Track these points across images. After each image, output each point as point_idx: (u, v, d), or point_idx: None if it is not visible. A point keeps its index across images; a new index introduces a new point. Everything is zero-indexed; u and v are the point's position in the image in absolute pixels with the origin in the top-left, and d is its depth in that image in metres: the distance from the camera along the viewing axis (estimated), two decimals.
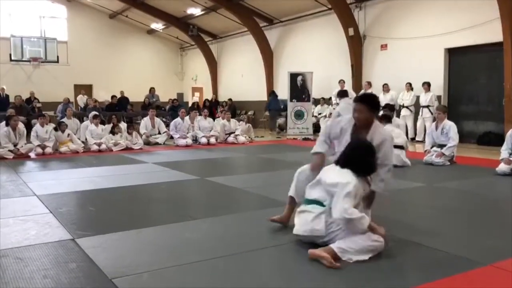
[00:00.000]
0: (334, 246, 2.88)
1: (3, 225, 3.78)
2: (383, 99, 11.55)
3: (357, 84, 13.03)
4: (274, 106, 15.68)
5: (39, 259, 3.00)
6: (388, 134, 3.61)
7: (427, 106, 10.88)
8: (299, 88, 13.33)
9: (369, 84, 12.49)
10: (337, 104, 11.15)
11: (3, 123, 9.02)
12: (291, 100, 13.65)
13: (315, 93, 14.00)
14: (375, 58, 12.88)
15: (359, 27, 13.02)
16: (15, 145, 8.68)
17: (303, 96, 13.39)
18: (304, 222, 3.16)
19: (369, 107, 3.50)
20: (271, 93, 16.02)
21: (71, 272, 2.78)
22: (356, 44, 13.04)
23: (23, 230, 3.63)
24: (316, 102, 14.51)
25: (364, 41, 13.09)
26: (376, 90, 12.25)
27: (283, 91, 15.60)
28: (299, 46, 15.66)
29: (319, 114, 14.41)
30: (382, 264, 2.90)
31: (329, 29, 14.11)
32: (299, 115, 13.28)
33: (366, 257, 2.86)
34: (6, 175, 6.51)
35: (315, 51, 14.79)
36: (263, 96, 17.02)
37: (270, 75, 16.94)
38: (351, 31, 12.88)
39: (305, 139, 12.39)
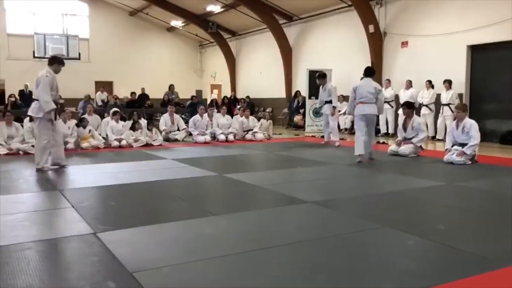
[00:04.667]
0: None
1: (27, 219, 3.87)
2: (403, 96, 11.44)
3: (377, 82, 12.84)
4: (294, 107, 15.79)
5: (61, 252, 3.07)
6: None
7: (448, 104, 10.71)
8: (318, 85, 13.24)
9: (389, 82, 12.36)
10: None
11: (27, 119, 9.21)
12: (309, 98, 13.59)
13: None
14: (396, 56, 12.73)
15: (379, 24, 12.88)
16: None
17: None
18: None
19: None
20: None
21: (92, 265, 2.83)
22: (376, 41, 12.91)
23: (45, 224, 3.72)
24: None
25: (384, 38, 12.95)
26: (396, 88, 12.14)
27: (301, 89, 15.57)
28: (318, 43, 15.58)
29: (338, 111, 14.28)
30: (400, 263, 2.88)
31: (349, 26, 14.00)
32: (317, 112, 13.21)
33: None
34: (29, 170, 6.65)
35: (335, 48, 14.69)
36: (282, 94, 16.99)
37: (289, 72, 16.89)
38: (371, 28, 12.76)
39: (323, 136, 12.30)
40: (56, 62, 6.79)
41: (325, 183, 5.88)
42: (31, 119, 8.98)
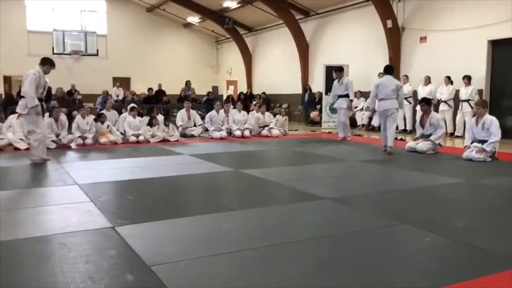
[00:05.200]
0: None
1: (48, 212, 3.95)
2: (422, 92, 11.30)
3: (395, 78, 12.73)
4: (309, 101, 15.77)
5: (81, 245, 3.11)
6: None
7: (467, 100, 10.54)
8: (334, 79, 13.16)
9: (407, 78, 12.21)
10: None
11: (46, 114, 9.35)
12: (326, 93, 13.52)
13: None
14: (414, 51, 12.57)
15: (397, 19, 12.73)
16: (57, 136, 8.99)
17: None
18: None
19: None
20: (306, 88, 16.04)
21: (111, 258, 2.88)
22: (394, 36, 12.76)
23: (65, 217, 3.78)
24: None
25: (402, 33, 12.80)
26: (415, 84, 11.99)
27: (318, 84, 15.49)
28: (335, 39, 15.47)
29: (355, 107, 14.20)
30: (417, 260, 2.86)
31: (366, 21, 13.86)
32: (334, 108, 13.13)
33: None
34: (49, 165, 6.76)
35: (352, 44, 14.57)
36: (298, 89, 16.94)
37: (305, 68, 16.82)
38: (389, 23, 12.61)
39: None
40: (47, 63, 7.02)
41: (341, 179, 5.86)
42: (50, 115, 9.14)
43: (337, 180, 5.72)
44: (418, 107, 9.90)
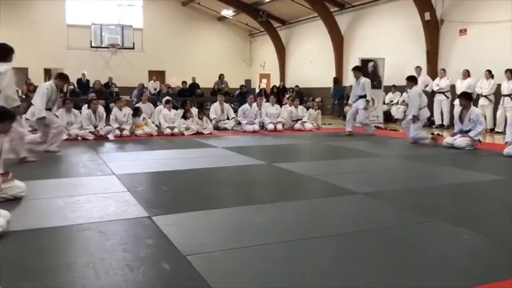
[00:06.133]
0: None
1: (87, 201, 4.08)
2: (460, 87, 10.98)
3: (432, 71, 12.45)
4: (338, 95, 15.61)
5: (118, 234, 3.21)
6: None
7: (509, 95, 10.18)
8: (370, 74, 12.98)
9: (444, 71, 11.89)
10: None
11: (85, 106, 9.63)
12: None
13: (386, 80, 13.58)
14: (453, 44, 12.21)
15: (436, 11, 12.38)
16: (95, 127, 9.25)
17: (374, 83, 13.02)
18: None
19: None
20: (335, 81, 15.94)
21: (148, 247, 2.95)
22: (432, 29, 12.43)
23: (104, 206, 3.90)
24: (387, 89, 14.06)
25: (441, 26, 12.44)
26: (453, 77, 11.66)
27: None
28: (371, 32, 15.20)
29: (390, 101, 13.97)
30: (455, 258, 2.80)
31: (403, 13, 13.55)
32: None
33: None
34: (87, 155, 6.98)
35: (388, 37, 14.28)
36: (331, 83, 16.76)
37: (340, 61, 16.61)
38: (427, 16, 12.28)
39: (375, 127, 12.06)
40: (62, 79, 7.44)
41: (376, 174, 5.78)
42: (89, 106, 9.41)
43: (371, 175, 5.65)
44: (456, 102, 9.65)
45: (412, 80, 8.94)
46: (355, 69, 10.38)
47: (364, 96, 9.91)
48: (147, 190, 4.71)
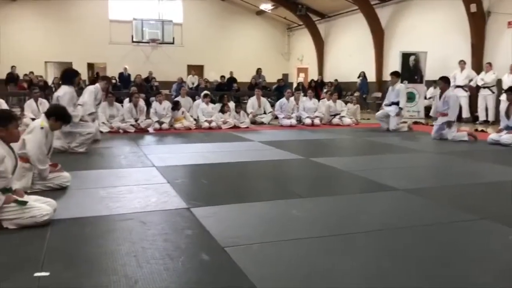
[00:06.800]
0: None
1: (128, 192, 4.19)
2: (507, 81, 10.55)
3: (477, 65, 12.00)
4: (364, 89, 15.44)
5: (159, 224, 3.28)
6: None
7: None
8: (411, 68, 12.67)
9: (490, 65, 11.43)
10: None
11: (127, 99, 9.87)
12: (401, 82, 13.00)
13: (428, 74, 13.19)
14: (500, 37, 11.71)
15: (483, 3, 11.90)
16: (136, 120, 9.47)
17: (415, 77, 12.72)
18: None
19: None
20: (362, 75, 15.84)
21: (187, 238, 3.01)
22: (478, 21, 11.95)
23: (144, 197, 3.99)
24: (429, 83, 13.66)
25: (488, 18, 11.95)
26: (499, 72, 11.21)
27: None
28: (413, 25, 14.78)
29: (430, 97, 13.56)
30: (500, 257, 2.71)
31: (447, 6, 13.10)
32: (410, 97, 12.62)
33: None
34: (129, 147, 7.16)
35: (431, 30, 13.84)
36: (371, 77, 16.46)
37: (380, 55, 16.27)
38: (473, 8, 11.83)
39: (415, 122, 11.78)
40: (104, 79, 8.08)
41: (416, 170, 5.65)
42: (130, 100, 9.64)
43: (412, 171, 5.53)
44: (502, 97, 9.28)
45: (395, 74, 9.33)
46: (394, 74, 10.19)
47: (397, 103, 9.71)
48: (186, 182, 4.79)
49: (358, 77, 16.40)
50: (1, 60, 17.46)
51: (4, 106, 8.81)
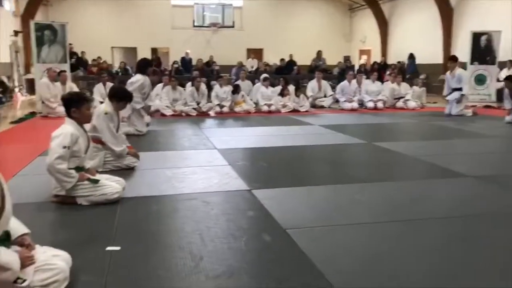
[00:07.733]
0: None
1: (192, 173, 4.30)
2: None
3: None
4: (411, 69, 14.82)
5: (221, 204, 3.35)
6: None
7: None
8: (483, 49, 11.91)
9: None
10: None
11: (189, 83, 10.08)
12: (471, 63, 12.31)
13: (502, 55, 12.35)
14: None
15: None
16: (198, 104, 9.66)
17: (487, 59, 11.95)
18: None
19: None
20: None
21: (249, 218, 3.05)
22: None
23: (207, 178, 4.08)
24: (502, 65, 12.81)
25: None
26: None
27: (462, 53, 14.14)
28: (484, 2, 13.86)
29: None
30: None
31: None
32: (480, 79, 11.92)
33: None
34: (191, 130, 7.34)
35: (505, 7, 12.91)
36: (438, 59, 15.69)
37: (448, 35, 15.45)
38: None
39: (486, 106, 11.12)
40: (155, 74, 8.25)
41: (488, 156, 5.34)
42: (192, 84, 9.84)
43: (483, 157, 5.24)
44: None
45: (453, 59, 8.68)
46: (451, 59, 9.66)
47: (460, 89, 9.19)
48: (246, 165, 4.83)
49: (409, 58, 15.95)
50: (73, 46, 18.39)
51: (75, 90, 9.30)
